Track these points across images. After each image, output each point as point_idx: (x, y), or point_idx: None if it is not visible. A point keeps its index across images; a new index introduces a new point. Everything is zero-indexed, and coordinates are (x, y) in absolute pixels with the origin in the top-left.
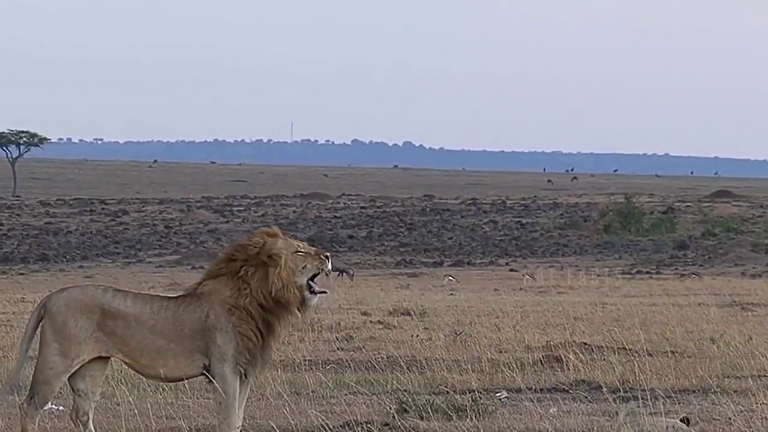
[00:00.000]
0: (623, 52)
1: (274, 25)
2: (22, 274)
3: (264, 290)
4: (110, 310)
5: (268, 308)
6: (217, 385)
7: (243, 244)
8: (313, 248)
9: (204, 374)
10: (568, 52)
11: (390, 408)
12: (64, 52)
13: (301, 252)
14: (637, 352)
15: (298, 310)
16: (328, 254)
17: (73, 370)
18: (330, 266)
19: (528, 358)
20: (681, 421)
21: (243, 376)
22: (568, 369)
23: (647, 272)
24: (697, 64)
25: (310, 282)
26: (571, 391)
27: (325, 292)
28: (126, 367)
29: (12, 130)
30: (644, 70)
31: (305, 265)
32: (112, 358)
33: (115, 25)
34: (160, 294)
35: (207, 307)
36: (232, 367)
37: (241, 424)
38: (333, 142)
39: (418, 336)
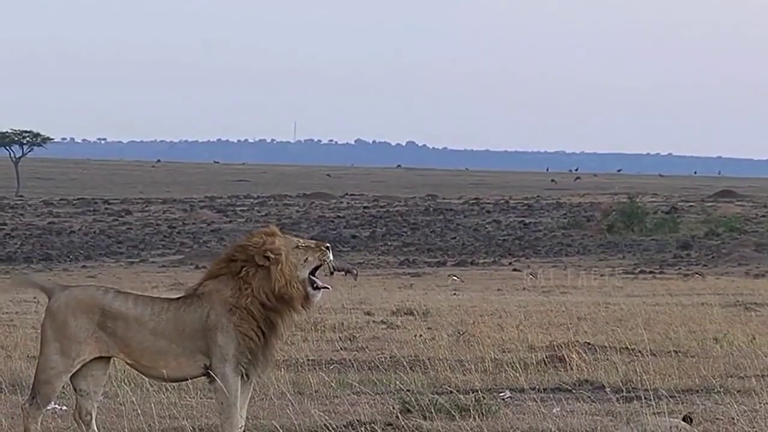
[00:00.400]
0: (626, 52)
1: (276, 25)
2: (25, 274)
3: (266, 288)
4: (111, 311)
5: (271, 306)
6: (218, 385)
7: (243, 245)
8: (313, 241)
9: (206, 374)
10: (570, 52)
11: (393, 408)
12: (66, 51)
13: (301, 246)
14: (640, 351)
15: (302, 306)
16: (329, 245)
17: (75, 370)
18: (331, 256)
19: (531, 357)
20: (683, 419)
21: (245, 376)
22: (572, 369)
23: (650, 272)
24: (699, 63)
25: (313, 277)
26: (574, 391)
27: (327, 288)
28: (128, 367)
29: (15, 130)
30: (647, 69)
31: (306, 258)
32: (114, 358)
33: (118, 24)
34: (162, 296)
35: (208, 307)
36: (233, 367)
37: (243, 423)
38: (336, 142)
39: (421, 336)
